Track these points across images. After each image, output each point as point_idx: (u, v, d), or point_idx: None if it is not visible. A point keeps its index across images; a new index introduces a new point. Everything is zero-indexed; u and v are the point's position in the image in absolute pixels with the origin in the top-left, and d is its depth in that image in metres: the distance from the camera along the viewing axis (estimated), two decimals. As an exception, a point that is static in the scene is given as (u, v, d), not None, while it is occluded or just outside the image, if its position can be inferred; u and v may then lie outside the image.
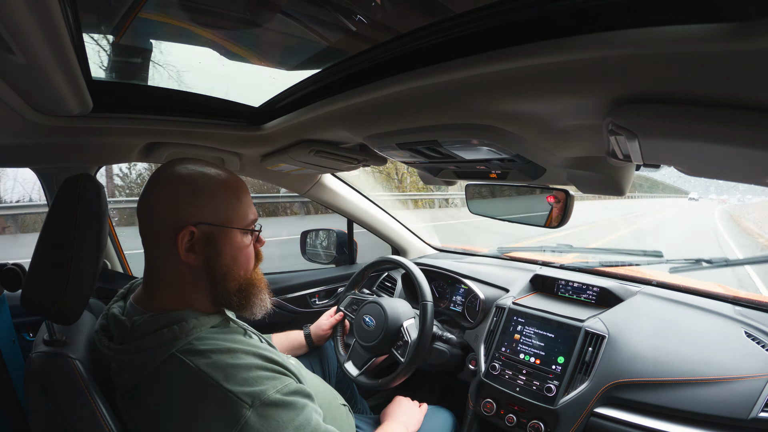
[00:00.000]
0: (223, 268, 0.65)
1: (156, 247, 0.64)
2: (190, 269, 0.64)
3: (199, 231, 0.62)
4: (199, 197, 0.63)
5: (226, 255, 0.65)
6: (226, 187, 0.65)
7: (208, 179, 0.64)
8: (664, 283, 1.21)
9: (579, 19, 0.39)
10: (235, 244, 0.66)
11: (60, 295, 0.64)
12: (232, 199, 0.65)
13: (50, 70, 0.51)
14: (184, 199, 0.62)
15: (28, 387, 0.65)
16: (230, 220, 0.65)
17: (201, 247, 0.63)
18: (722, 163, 0.53)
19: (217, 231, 0.64)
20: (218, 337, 0.63)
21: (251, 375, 0.59)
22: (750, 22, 0.30)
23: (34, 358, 0.65)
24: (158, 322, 0.62)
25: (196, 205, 0.62)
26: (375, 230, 1.65)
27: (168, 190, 0.63)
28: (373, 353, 1.18)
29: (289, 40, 0.75)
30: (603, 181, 0.75)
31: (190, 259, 0.63)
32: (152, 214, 0.63)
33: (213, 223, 0.63)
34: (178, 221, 0.61)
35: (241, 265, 0.68)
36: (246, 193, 0.68)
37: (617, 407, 0.93)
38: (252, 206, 0.69)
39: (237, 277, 0.67)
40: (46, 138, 0.86)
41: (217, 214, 0.64)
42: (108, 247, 1.33)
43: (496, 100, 0.55)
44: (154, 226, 0.63)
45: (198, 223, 0.62)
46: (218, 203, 0.64)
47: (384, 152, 0.88)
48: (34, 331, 1.16)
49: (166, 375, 0.59)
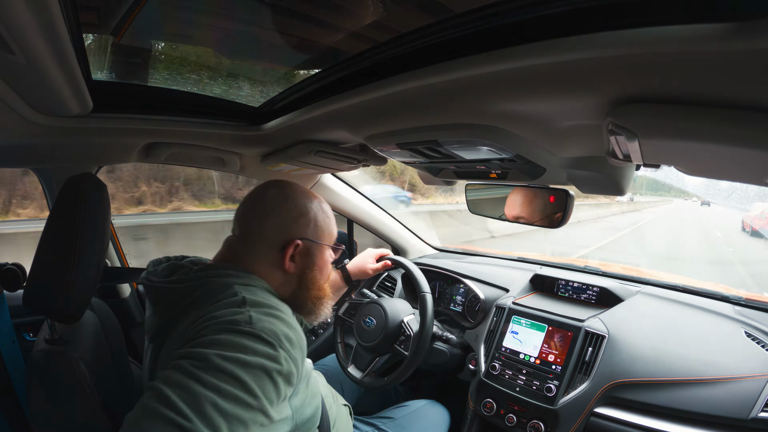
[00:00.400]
0: (313, 277, 0.75)
1: (259, 250, 0.71)
2: (283, 275, 0.72)
3: (302, 244, 0.72)
4: (305, 218, 0.73)
5: (317, 267, 0.75)
6: (321, 209, 0.77)
7: (311, 203, 0.76)
8: (664, 283, 1.21)
9: (579, 19, 0.39)
10: (324, 258, 0.77)
11: (62, 294, 0.64)
12: (326, 221, 0.77)
13: (50, 71, 0.51)
14: (293, 219, 0.72)
15: (30, 384, 0.65)
16: (325, 237, 0.77)
17: (300, 258, 0.73)
18: (722, 163, 0.53)
19: (315, 246, 0.75)
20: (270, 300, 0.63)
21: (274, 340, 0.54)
22: (750, 22, 0.30)
23: (36, 357, 0.65)
24: (223, 268, 0.66)
25: (303, 224, 0.73)
26: (375, 230, 1.65)
27: (281, 208, 0.72)
28: (375, 353, 1.18)
29: (289, 40, 0.75)
30: (603, 181, 0.75)
31: (290, 267, 0.72)
32: (261, 226, 0.71)
33: (313, 240, 0.74)
34: (288, 236, 0.71)
35: (324, 276, 0.78)
36: (332, 216, 0.80)
37: (617, 407, 0.93)
38: (335, 228, 0.80)
39: (319, 287, 0.77)
40: (46, 138, 0.86)
41: (317, 231, 0.75)
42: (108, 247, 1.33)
43: (496, 100, 0.55)
44: (263, 235, 0.71)
45: (302, 238, 0.72)
46: (318, 223, 0.75)
47: (384, 152, 0.88)
48: (33, 331, 1.16)
49: (217, 287, 0.61)
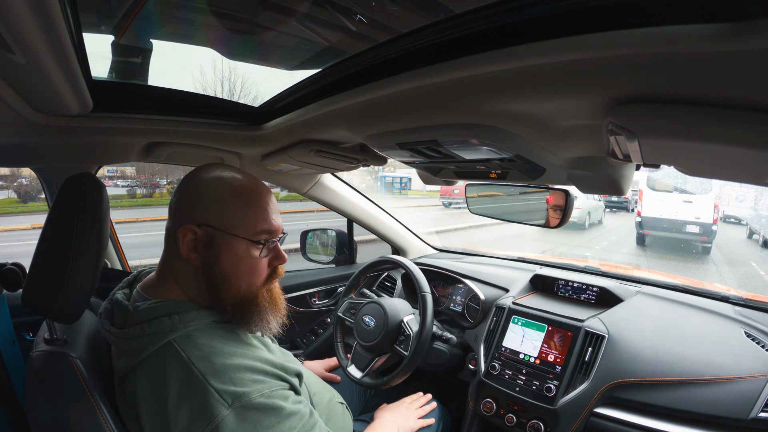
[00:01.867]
0: (221, 275, 0.64)
1: (170, 239, 0.66)
2: (191, 267, 0.65)
3: (202, 232, 0.63)
4: (207, 200, 0.64)
5: (224, 262, 0.64)
6: (237, 193, 0.64)
7: (220, 183, 0.65)
8: (664, 283, 1.21)
9: (579, 19, 0.39)
10: (235, 252, 0.64)
11: (61, 294, 0.64)
12: (241, 207, 0.64)
13: (50, 70, 0.51)
14: (194, 200, 0.64)
15: (29, 386, 0.65)
16: (234, 227, 0.63)
17: (202, 248, 0.64)
18: (722, 163, 0.53)
19: (219, 236, 0.63)
20: (218, 333, 0.64)
21: (239, 376, 0.58)
22: (750, 22, 0.30)
23: (35, 357, 0.65)
24: (159, 309, 0.63)
25: (203, 207, 0.63)
26: (375, 230, 1.65)
27: (184, 191, 0.66)
28: (375, 353, 1.18)
29: (289, 40, 0.75)
30: (603, 181, 0.75)
31: (191, 257, 0.64)
32: (173, 207, 0.67)
33: (216, 227, 0.63)
34: (185, 219, 0.64)
35: (242, 276, 0.65)
36: (260, 203, 0.66)
37: (617, 407, 0.93)
38: (269, 218, 0.66)
39: (236, 289, 0.65)
40: (47, 137, 0.86)
41: (222, 218, 0.63)
42: (108, 246, 1.33)
43: (496, 100, 0.55)
44: (170, 222, 0.66)
45: (202, 224, 0.63)
46: (225, 209, 0.63)
47: (384, 152, 0.88)
48: (33, 331, 1.16)
49: (160, 361, 0.60)
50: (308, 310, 1.55)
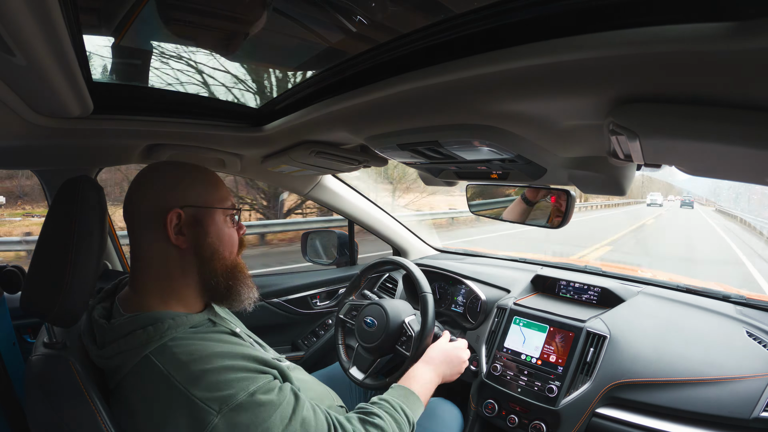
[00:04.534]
0: (210, 247, 0.69)
1: (144, 237, 0.66)
2: (179, 254, 0.67)
3: (185, 213, 0.66)
4: (183, 183, 0.67)
5: (212, 234, 0.68)
6: (203, 175, 0.71)
7: (188, 168, 0.70)
8: (666, 283, 1.21)
9: (579, 19, 0.39)
10: (218, 224, 0.70)
11: (60, 297, 0.64)
12: (210, 184, 0.70)
13: (51, 72, 0.51)
14: (169, 186, 0.67)
15: (28, 390, 0.65)
16: (213, 202, 0.69)
17: (188, 228, 0.66)
18: (723, 163, 0.53)
19: (202, 212, 0.68)
20: (195, 338, 0.63)
21: (222, 378, 0.58)
22: (750, 22, 0.30)
23: (34, 361, 0.65)
24: (134, 323, 0.62)
25: (181, 190, 0.67)
26: (376, 231, 1.65)
27: (152, 182, 0.67)
28: (376, 354, 1.18)
29: (289, 41, 0.75)
30: (604, 181, 0.75)
31: (179, 241, 0.66)
32: (138, 208, 0.66)
33: (198, 205, 0.67)
34: (166, 206, 0.65)
35: (226, 245, 0.71)
36: (220, 181, 0.73)
37: (619, 407, 0.92)
38: (230, 194, 0.74)
39: (223, 258, 0.70)
40: (47, 140, 0.86)
41: (200, 196, 0.68)
42: (108, 247, 1.33)
43: (497, 100, 0.55)
44: (142, 217, 0.66)
45: (184, 205, 0.66)
46: (200, 188, 0.69)
47: (385, 153, 0.88)
48: (34, 333, 1.16)
49: (140, 377, 0.59)
50: (309, 311, 1.55)
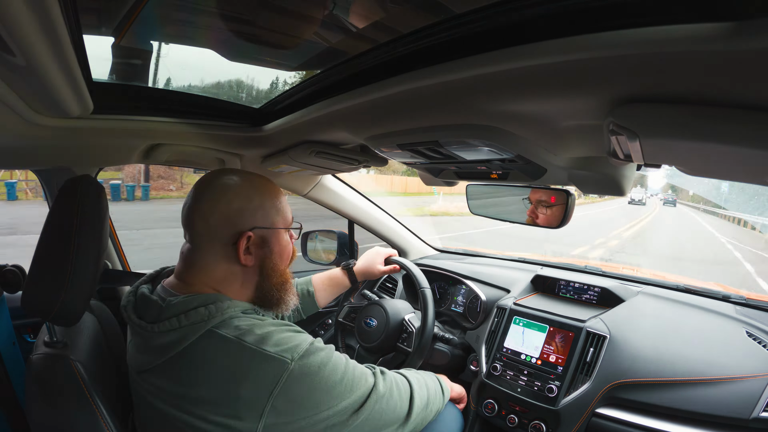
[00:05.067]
0: (273, 264, 0.73)
1: (208, 251, 0.69)
2: (242, 270, 0.70)
3: (255, 235, 0.70)
4: (252, 205, 0.70)
5: (275, 253, 0.73)
6: (269, 194, 0.74)
7: (258, 184, 0.73)
8: (666, 283, 1.21)
9: (579, 19, 0.39)
10: (282, 242, 0.75)
11: (60, 297, 0.64)
12: (276, 204, 0.74)
13: (51, 72, 0.51)
14: (242, 206, 0.69)
15: (29, 388, 0.65)
16: (277, 222, 0.73)
17: (255, 249, 0.70)
18: (723, 163, 0.53)
19: (269, 233, 0.72)
20: (251, 317, 0.67)
21: (285, 336, 0.64)
22: (750, 22, 0.30)
23: (35, 360, 0.65)
24: (194, 301, 0.65)
25: (250, 213, 0.70)
26: (376, 231, 1.65)
27: (225, 198, 0.69)
28: (378, 353, 1.18)
29: (289, 41, 0.75)
30: (604, 181, 0.75)
31: (247, 260, 0.69)
32: (206, 222, 0.68)
33: (267, 227, 0.71)
34: (236, 228, 0.68)
35: (284, 260, 0.76)
36: (284, 197, 0.77)
37: (619, 407, 0.92)
38: (289, 207, 0.77)
39: (281, 272, 0.75)
40: (47, 140, 0.86)
41: (267, 218, 0.72)
42: (108, 247, 1.33)
43: (497, 100, 0.55)
44: (210, 233, 0.68)
45: (253, 227, 0.69)
46: (267, 208, 0.72)
47: (385, 153, 0.88)
48: (34, 332, 1.16)
49: (204, 348, 0.62)
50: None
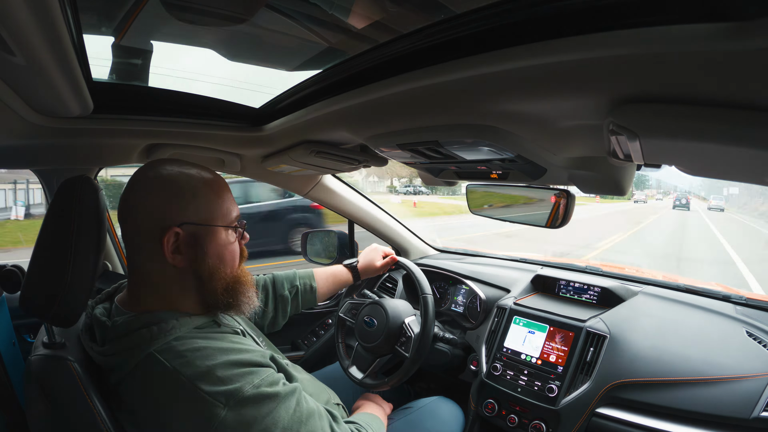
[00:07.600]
0: (210, 268, 0.65)
1: (141, 249, 0.64)
2: (176, 271, 0.64)
3: (184, 231, 0.62)
4: (182, 198, 0.62)
5: (211, 254, 0.65)
6: (207, 185, 0.65)
7: (189, 179, 0.64)
8: (666, 283, 1.21)
9: (579, 19, 0.39)
10: (220, 242, 0.66)
11: (59, 297, 0.64)
12: (213, 198, 0.65)
13: (51, 72, 0.51)
14: (166, 200, 0.62)
15: (28, 389, 0.65)
16: (213, 219, 0.65)
17: (186, 248, 0.63)
18: (723, 163, 0.53)
19: (202, 230, 0.64)
20: (199, 337, 0.63)
21: (227, 374, 0.58)
22: (750, 22, 0.30)
23: (34, 361, 0.65)
24: (137, 322, 0.61)
25: (179, 206, 0.62)
26: (376, 231, 1.65)
27: (150, 192, 0.63)
28: (376, 354, 1.18)
29: (289, 41, 0.75)
30: (604, 181, 0.75)
31: (176, 260, 0.62)
32: (135, 217, 0.63)
33: (197, 223, 0.63)
34: (163, 223, 0.61)
35: (227, 263, 0.68)
36: (227, 191, 0.68)
37: (619, 407, 0.92)
38: (234, 204, 0.69)
39: (224, 276, 0.67)
40: (47, 139, 0.86)
41: (200, 213, 0.63)
42: (109, 248, 1.33)
43: (497, 100, 0.55)
44: (139, 229, 0.63)
45: (182, 223, 0.62)
46: (200, 202, 0.64)
47: (385, 153, 0.88)
48: (34, 333, 1.16)
49: (144, 375, 0.59)
50: (309, 311, 1.55)
